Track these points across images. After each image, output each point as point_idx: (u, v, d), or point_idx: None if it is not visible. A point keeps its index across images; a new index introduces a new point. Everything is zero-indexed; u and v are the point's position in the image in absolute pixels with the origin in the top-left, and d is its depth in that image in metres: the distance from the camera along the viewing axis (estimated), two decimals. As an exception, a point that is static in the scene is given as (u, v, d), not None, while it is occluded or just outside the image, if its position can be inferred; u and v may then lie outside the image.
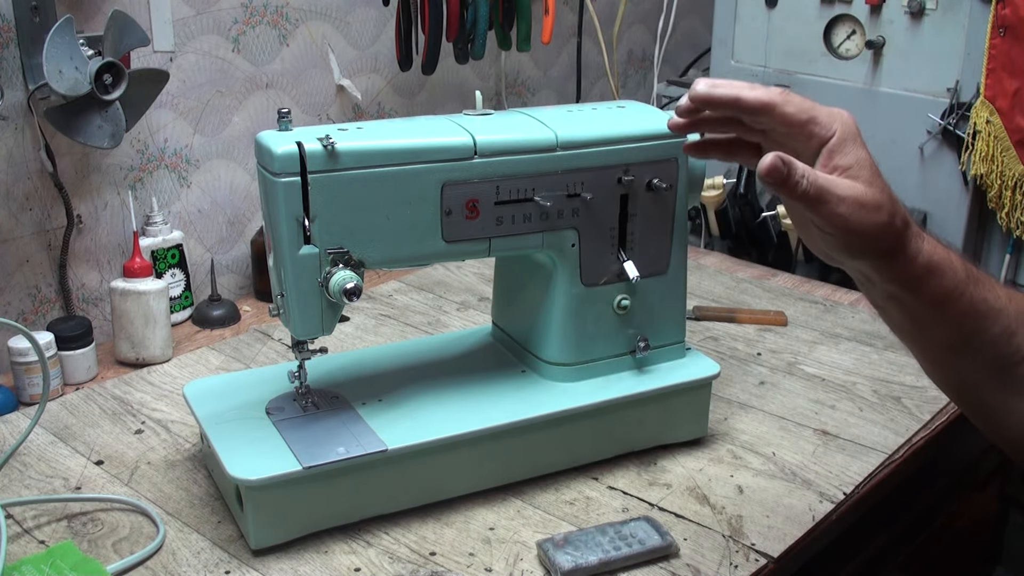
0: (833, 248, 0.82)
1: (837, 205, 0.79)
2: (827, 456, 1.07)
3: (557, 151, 0.97)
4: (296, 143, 0.88)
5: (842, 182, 0.80)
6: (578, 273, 1.02)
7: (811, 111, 0.83)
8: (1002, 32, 1.38)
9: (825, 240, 0.82)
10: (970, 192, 1.48)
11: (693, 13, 2.08)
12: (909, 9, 1.47)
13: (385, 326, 1.37)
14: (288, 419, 0.98)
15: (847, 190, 0.80)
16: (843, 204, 0.79)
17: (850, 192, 0.80)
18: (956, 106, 1.45)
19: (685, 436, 1.09)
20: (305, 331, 0.95)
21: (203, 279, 1.45)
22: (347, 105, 1.59)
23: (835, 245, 0.82)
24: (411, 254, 0.97)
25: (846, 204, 0.79)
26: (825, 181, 0.79)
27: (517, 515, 0.98)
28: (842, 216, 0.79)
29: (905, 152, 1.53)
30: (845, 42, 1.57)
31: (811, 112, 0.83)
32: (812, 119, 0.83)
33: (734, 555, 0.92)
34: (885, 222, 0.82)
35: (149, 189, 1.37)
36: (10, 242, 1.25)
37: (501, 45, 1.60)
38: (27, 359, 1.16)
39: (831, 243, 0.82)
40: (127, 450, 1.08)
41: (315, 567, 0.90)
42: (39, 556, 0.90)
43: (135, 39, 1.20)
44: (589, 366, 1.05)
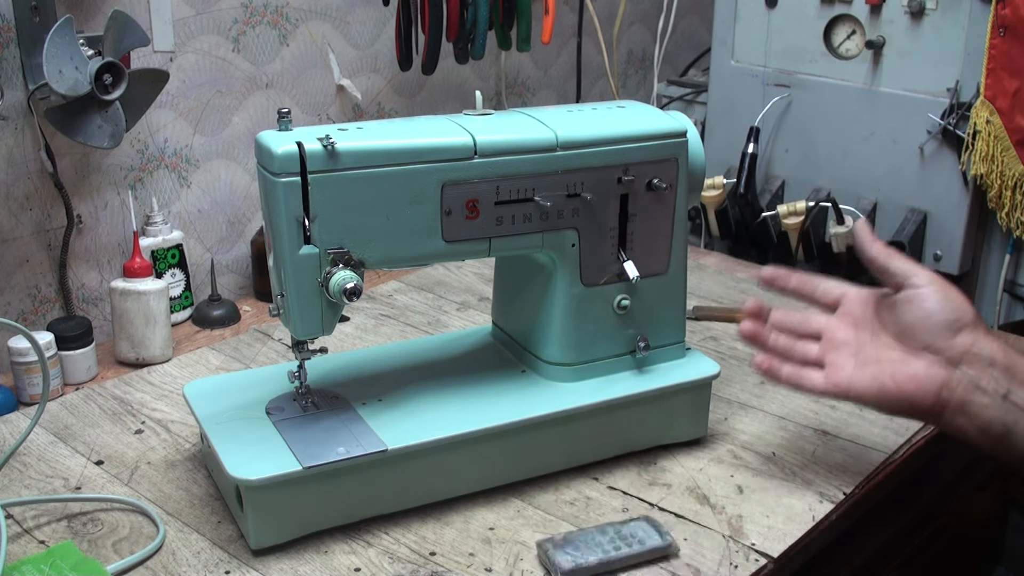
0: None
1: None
2: (827, 456, 1.07)
3: (557, 151, 0.97)
4: (296, 143, 0.88)
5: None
6: (578, 273, 1.02)
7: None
8: (1002, 32, 1.38)
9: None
10: (970, 192, 1.48)
11: (693, 13, 2.08)
12: (909, 9, 1.47)
13: (385, 326, 1.37)
14: (288, 419, 0.98)
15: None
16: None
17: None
18: (956, 106, 1.45)
19: (685, 436, 1.08)
20: (305, 331, 0.95)
21: (203, 279, 1.45)
22: (347, 105, 1.59)
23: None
24: (411, 254, 0.97)
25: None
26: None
27: (517, 515, 0.98)
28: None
29: (905, 152, 1.52)
30: (845, 42, 1.57)
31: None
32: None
33: (734, 555, 0.92)
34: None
35: (149, 189, 1.37)
36: (10, 242, 1.25)
37: (501, 45, 1.60)
38: (27, 359, 1.16)
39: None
40: (127, 450, 1.08)
41: (315, 567, 0.90)
42: (39, 556, 0.90)
43: (135, 39, 1.20)
44: (589, 366, 1.05)
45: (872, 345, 0.93)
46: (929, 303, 0.89)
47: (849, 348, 0.95)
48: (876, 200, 1.57)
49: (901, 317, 0.91)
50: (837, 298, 0.98)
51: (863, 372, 0.92)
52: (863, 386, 0.92)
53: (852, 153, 1.59)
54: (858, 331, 0.95)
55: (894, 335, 0.92)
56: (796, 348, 0.98)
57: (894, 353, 0.91)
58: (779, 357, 0.98)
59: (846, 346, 0.95)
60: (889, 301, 0.93)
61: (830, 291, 0.99)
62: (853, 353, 0.94)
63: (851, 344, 0.95)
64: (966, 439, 0.90)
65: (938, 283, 0.90)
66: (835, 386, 0.93)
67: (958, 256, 1.51)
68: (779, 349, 0.98)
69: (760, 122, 1.62)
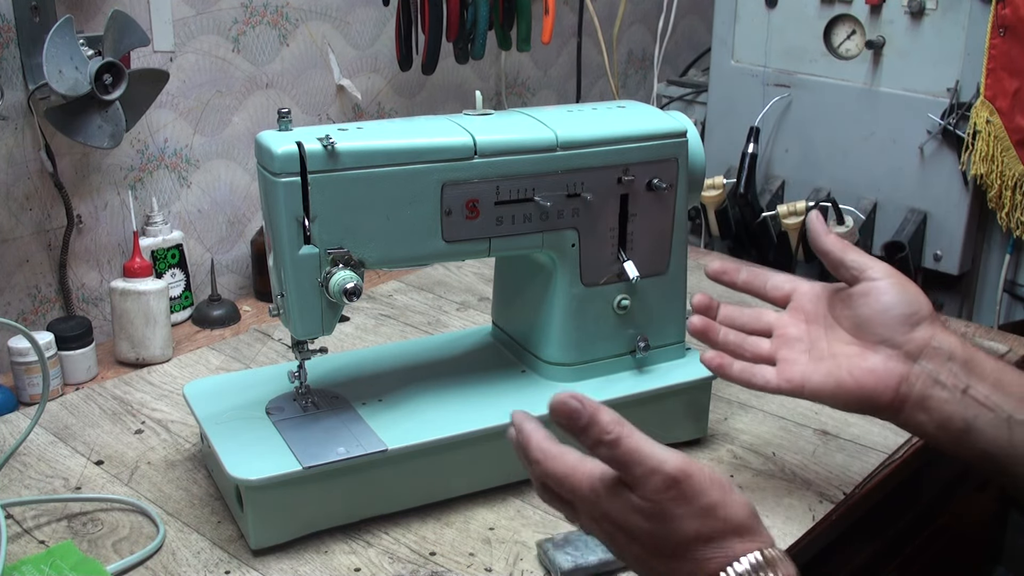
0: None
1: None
2: (827, 456, 1.07)
3: (557, 151, 0.97)
4: (296, 143, 0.88)
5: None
6: (578, 273, 1.02)
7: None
8: (1002, 32, 1.38)
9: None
10: (970, 192, 1.48)
11: (693, 13, 2.08)
12: (909, 9, 1.47)
13: (385, 326, 1.37)
14: (288, 419, 0.98)
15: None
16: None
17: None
18: (956, 106, 1.45)
19: (685, 436, 1.08)
20: (305, 331, 0.95)
21: (203, 279, 1.45)
22: (347, 105, 1.59)
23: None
24: (411, 254, 0.97)
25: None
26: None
27: (517, 515, 0.97)
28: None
29: (905, 152, 1.53)
30: (845, 42, 1.57)
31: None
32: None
33: (734, 555, 0.92)
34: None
35: (149, 189, 1.37)
36: (10, 242, 1.25)
37: (501, 45, 1.60)
38: (27, 359, 1.16)
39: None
40: (127, 450, 1.08)
41: (315, 567, 0.90)
42: (39, 556, 0.90)
43: (135, 39, 1.20)
44: (589, 366, 1.05)
45: (826, 340, 0.91)
46: (886, 296, 0.87)
47: (801, 344, 0.92)
48: (876, 200, 1.57)
49: (857, 311, 0.89)
50: (788, 293, 0.96)
51: (818, 368, 0.90)
52: (818, 382, 0.89)
53: (852, 153, 1.59)
54: (810, 326, 0.93)
55: (849, 329, 0.90)
56: (747, 344, 0.95)
57: (850, 348, 0.89)
58: (730, 353, 0.95)
59: (798, 342, 0.93)
60: (844, 295, 0.91)
61: (780, 286, 0.96)
62: (806, 349, 0.92)
63: (803, 340, 0.93)
64: (925, 435, 0.88)
65: (894, 276, 0.88)
66: (788, 382, 0.90)
67: (958, 256, 1.51)
68: (730, 345, 0.95)
69: (760, 122, 1.62)
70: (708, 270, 0.98)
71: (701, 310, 0.97)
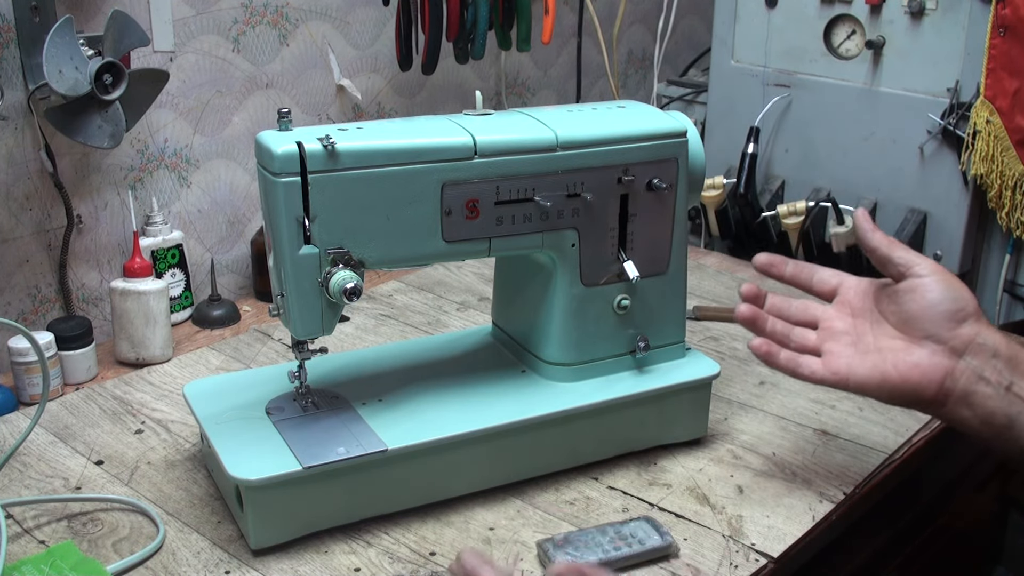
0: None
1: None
2: (827, 456, 1.07)
3: (557, 151, 0.97)
4: (296, 143, 0.88)
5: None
6: (578, 273, 1.02)
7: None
8: (1002, 32, 1.38)
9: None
10: (970, 192, 1.48)
11: (693, 13, 2.08)
12: (909, 9, 1.47)
13: (385, 326, 1.37)
14: (288, 419, 0.98)
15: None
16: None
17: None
18: (956, 106, 1.45)
19: (685, 436, 1.08)
20: (305, 331, 0.95)
21: (203, 279, 1.45)
22: (347, 105, 1.59)
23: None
24: (411, 254, 0.97)
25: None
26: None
27: (517, 515, 0.97)
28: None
29: (905, 152, 1.52)
30: (845, 42, 1.57)
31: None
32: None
33: (734, 555, 0.92)
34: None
35: (149, 189, 1.37)
36: (10, 242, 1.25)
37: (501, 45, 1.60)
38: (27, 359, 1.16)
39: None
40: (127, 450, 1.08)
41: (315, 567, 0.90)
42: (39, 556, 0.90)
43: (135, 39, 1.20)
44: (589, 366, 1.05)
45: (872, 334, 0.93)
46: (932, 293, 0.89)
47: (848, 337, 0.94)
48: (876, 200, 1.57)
49: (904, 307, 0.90)
50: (834, 287, 0.97)
51: (863, 361, 0.91)
52: (863, 374, 0.91)
53: (852, 153, 1.59)
54: (856, 320, 0.94)
55: (895, 324, 0.91)
56: (794, 335, 0.96)
57: (896, 342, 0.90)
58: (776, 343, 0.96)
59: (844, 335, 0.94)
60: (890, 291, 0.92)
61: (826, 280, 0.98)
62: (852, 342, 0.93)
63: (849, 333, 0.94)
64: (968, 430, 0.89)
65: (940, 272, 0.90)
66: (834, 374, 0.92)
67: (958, 256, 1.51)
68: (776, 335, 0.97)
69: (760, 122, 1.62)
70: (756, 263, 0.98)
71: (749, 299, 0.97)
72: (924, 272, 0.89)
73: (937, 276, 0.89)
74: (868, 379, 0.91)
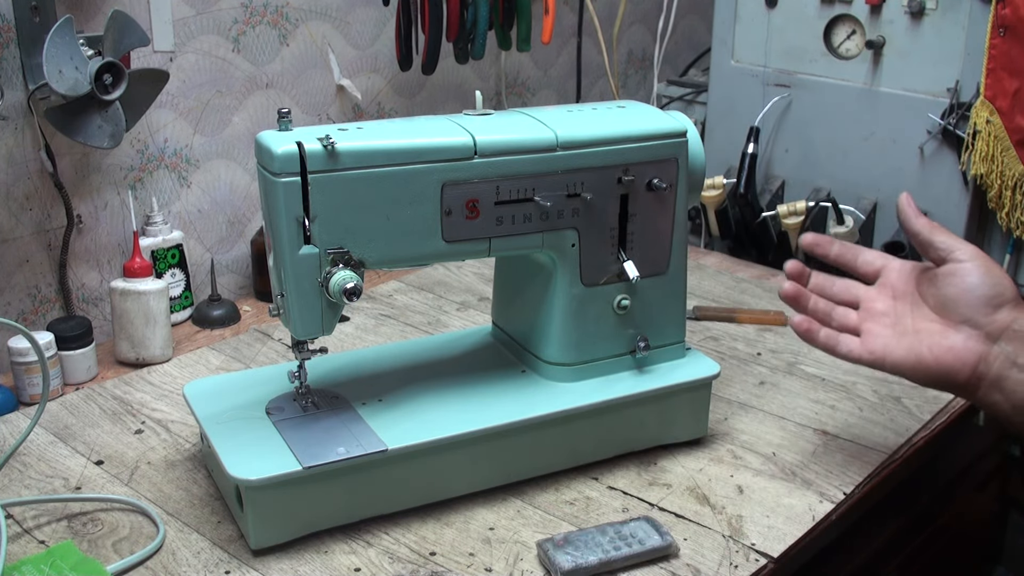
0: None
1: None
2: (827, 456, 1.07)
3: (557, 151, 0.97)
4: (296, 143, 0.88)
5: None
6: (578, 273, 1.02)
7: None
8: (1002, 32, 1.38)
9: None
10: (970, 192, 1.48)
11: (693, 13, 2.08)
12: (909, 9, 1.47)
13: (385, 326, 1.37)
14: (288, 419, 0.98)
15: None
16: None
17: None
18: (956, 106, 1.45)
19: (685, 436, 1.08)
20: (305, 331, 0.95)
21: (203, 279, 1.45)
22: (347, 105, 1.59)
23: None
24: (411, 254, 0.97)
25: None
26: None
27: (517, 515, 0.98)
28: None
29: (905, 152, 1.53)
30: (845, 42, 1.57)
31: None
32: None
33: (734, 555, 0.92)
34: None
35: (149, 189, 1.37)
36: (10, 242, 1.25)
37: (501, 45, 1.60)
38: (27, 359, 1.16)
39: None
40: (127, 450, 1.08)
41: (315, 567, 0.90)
42: (39, 556, 0.90)
43: (135, 39, 1.20)
44: (589, 366, 1.05)
45: (911, 316, 0.94)
46: (971, 277, 0.89)
47: (887, 318, 0.95)
48: (876, 200, 1.57)
49: (942, 290, 0.91)
50: (878, 269, 0.98)
51: (900, 342, 0.92)
52: (899, 356, 0.92)
53: (852, 153, 1.59)
54: (897, 302, 0.96)
55: (934, 308, 0.92)
56: (835, 313, 0.98)
57: (933, 325, 0.92)
58: (818, 321, 0.97)
59: (884, 316, 0.95)
60: (931, 274, 0.93)
61: (871, 261, 0.99)
62: (891, 324, 0.95)
63: (889, 315, 0.95)
64: (1000, 415, 0.90)
65: (981, 258, 0.90)
66: (871, 353, 0.93)
67: (958, 256, 1.51)
68: (818, 313, 0.98)
69: (760, 122, 1.62)
70: (803, 241, 0.99)
71: (794, 276, 0.99)
72: (964, 257, 0.91)
73: (977, 261, 0.90)
74: (904, 360, 0.92)
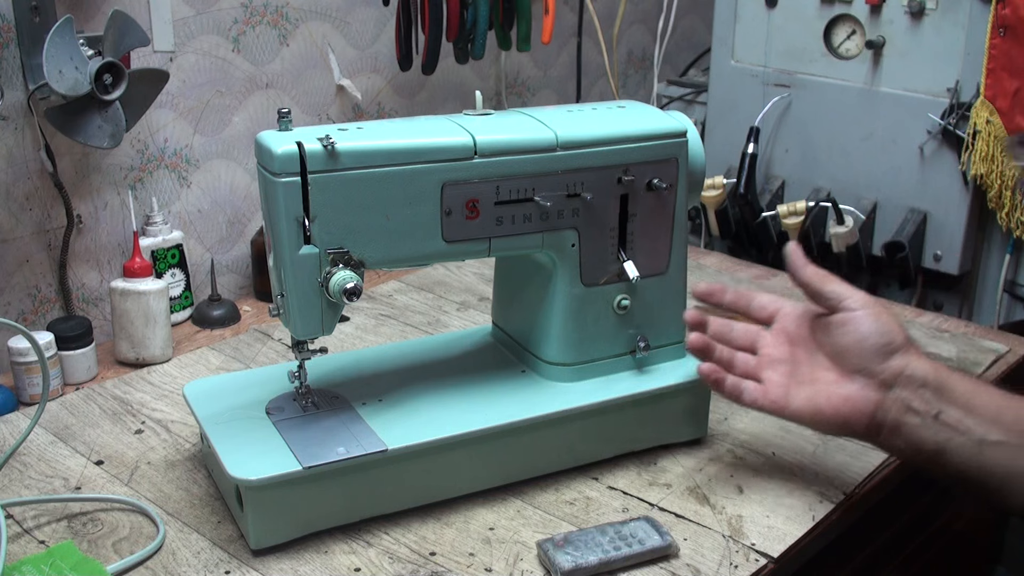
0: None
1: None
2: (827, 456, 1.07)
3: (557, 151, 0.97)
4: (296, 143, 0.88)
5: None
6: (578, 273, 1.02)
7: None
8: (1002, 32, 1.38)
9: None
10: (970, 192, 1.48)
11: (693, 13, 2.08)
12: (909, 9, 1.47)
13: (385, 326, 1.37)
14: (288, 419, 0.98)
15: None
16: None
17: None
18: (956, 106, 1.45)
19: (685, 436, 1.09)
20: (305, 331, 0.95)
21: (203, 279, 1.45)
22: (347, 105, 1.59)
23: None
24: (411, 254, 0.97)
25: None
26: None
27: (517, 515, 0.98)
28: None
29: (905, 152, 1.53)
30: (845, 42, 1.57)
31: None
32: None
33: (734, 555, 0.92)
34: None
35: (149, 189, 1.37)
36: (10, 242, 1.25)
37: (501, 45, 1.60)
38: (27, 359, 1.16)
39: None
40: (127, 450, 1.08)
41: (315, 567, 0.90)
42: (39, 556, 0.90)
43: (135, 39, 1.20)
44: (589, 366, 1.05)
45: (808, 364, 0.95)
46: (863, 327, 0.91)
47: (784, 366, 0.96)
48: (876, 200, 1.57)
49: (836, 340, 0.92)
50: (772, 313, 0.99)
51: (799, 392, 0.94)
52: (798, 406, 0.94)
53: (852, 153, 1.59)
54: (793, 348, 0.97)
55: (829, 355, 0.94)
56: (737, 360, 0.99)
57: (829, 375, 0.93)
58: (722, 367, 0.98)
59: (781, 364, 0.96)
60: (823, 322, 0.94)
61: (765, 307, 1.00)
62: (789, 372, 0.96)
63: (787, 361, 0.96)
64: (902, 458, 0.94)
65: (871, 306, 0.92)
66: (773, 403, 0.95)
67: (958, 256, 1.51)
68: (722, 361, 0.98)
69: (760, 122, 1.62)
70: (695, 292, 1.01)
71: (695, 326, 1.00)
72: (855, 306, 0.92)
73: (868, 310, 0.91)
74: (803, 410, 0.93)
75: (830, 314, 0.93)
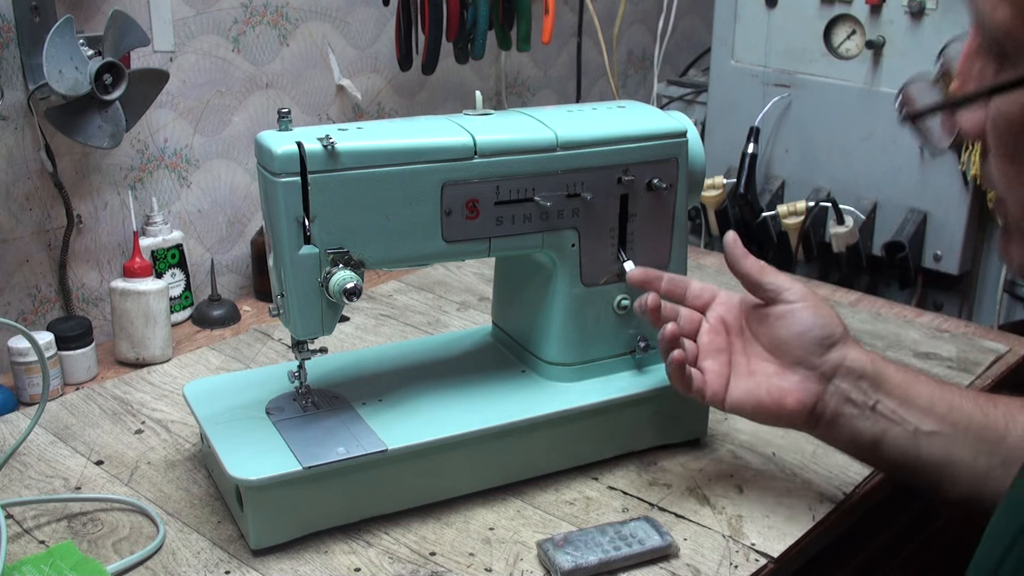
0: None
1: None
2: (827, 456, 1.07)
3: (557, 151, 0.97)
4: (296, 143, 0.88)
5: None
6: (578, 273, 1.02)
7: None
8: (1002, 32, 1.37)
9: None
10: (970, 192, 1.48)
11: (693, 13, 2.08)
12: (909, 9, 1.47)
13: (385, 326, 1.37)
14: (288, 419, 0.98)
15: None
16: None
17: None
18: (956, 106, 1.45)
19: (685, 436, 1.08)
20: (305, 331, 0.95)
21: (203, 279, 1.45)
22: (347, 105, 1.59)
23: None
24: (411, 254, 0.97)
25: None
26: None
27: (517, 515, 0.98)
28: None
29: (905, 152, 1.53)
30: (845, 42, 1.57)
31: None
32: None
33: (734, 555, 0.92)
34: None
35: (149, 189, 1.37)
36: (10, 242, 1.25)
37: (501, 45, 1.60)
38: (27, 359, 1.16)
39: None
40: (127, 450, 1.08)
41: (315, 567, 0.90)
42: (39, 556, 0.90)
43: (135, 39, 1.20)
44: (589, 366, 1.05)
45: (745, 356, 0.95)
46: (804, 320, 0.91)
47: (723, 356, 0.95)
48: (876, 200, 1.57)
49: (774, 332, 0.92)
50: (707, 302, 0.99)
51: (738, 384, 0.94)
52: (738, 399, 0.93)
53: (852, 153, 1.59)
54: (731, 338, 0.96)
55: (767, 347, 0.93)
56: (684, 345, 0.95)
57: (768, 366, 0.93)
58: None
59: (720, 353, 0.96)
60: (761, 313, 0.94)
61: (699, 295, 0.99)
62: (727, 362, 0.95)
63: (724, 351, 0.96)
64: (841, 449, 0.93)
65: (810, 299, 0.92)
66: (713, 395, 0.94)
67: (958, 256, 1.51)
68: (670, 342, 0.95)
69: (760, 122, 1.62)
70: (630, 277, 0.99)
71: (652, 312, 0.95)
72: (793, 298, 0.92)
73: (807, 302, 0.91)
74: (743, 403, 0.93)
75: (768, 305, 0.93)
